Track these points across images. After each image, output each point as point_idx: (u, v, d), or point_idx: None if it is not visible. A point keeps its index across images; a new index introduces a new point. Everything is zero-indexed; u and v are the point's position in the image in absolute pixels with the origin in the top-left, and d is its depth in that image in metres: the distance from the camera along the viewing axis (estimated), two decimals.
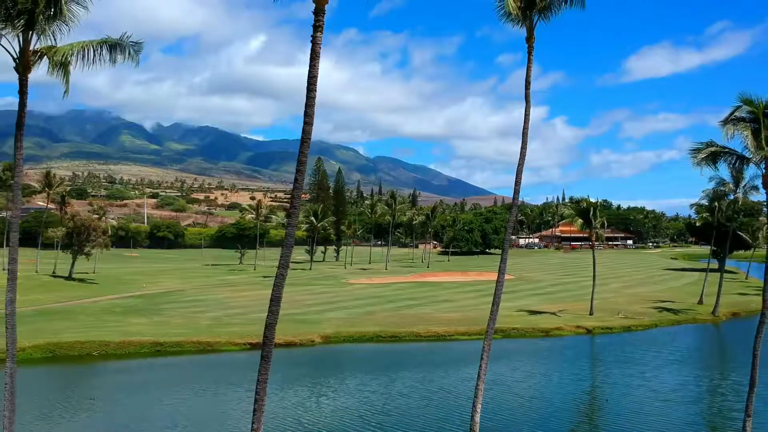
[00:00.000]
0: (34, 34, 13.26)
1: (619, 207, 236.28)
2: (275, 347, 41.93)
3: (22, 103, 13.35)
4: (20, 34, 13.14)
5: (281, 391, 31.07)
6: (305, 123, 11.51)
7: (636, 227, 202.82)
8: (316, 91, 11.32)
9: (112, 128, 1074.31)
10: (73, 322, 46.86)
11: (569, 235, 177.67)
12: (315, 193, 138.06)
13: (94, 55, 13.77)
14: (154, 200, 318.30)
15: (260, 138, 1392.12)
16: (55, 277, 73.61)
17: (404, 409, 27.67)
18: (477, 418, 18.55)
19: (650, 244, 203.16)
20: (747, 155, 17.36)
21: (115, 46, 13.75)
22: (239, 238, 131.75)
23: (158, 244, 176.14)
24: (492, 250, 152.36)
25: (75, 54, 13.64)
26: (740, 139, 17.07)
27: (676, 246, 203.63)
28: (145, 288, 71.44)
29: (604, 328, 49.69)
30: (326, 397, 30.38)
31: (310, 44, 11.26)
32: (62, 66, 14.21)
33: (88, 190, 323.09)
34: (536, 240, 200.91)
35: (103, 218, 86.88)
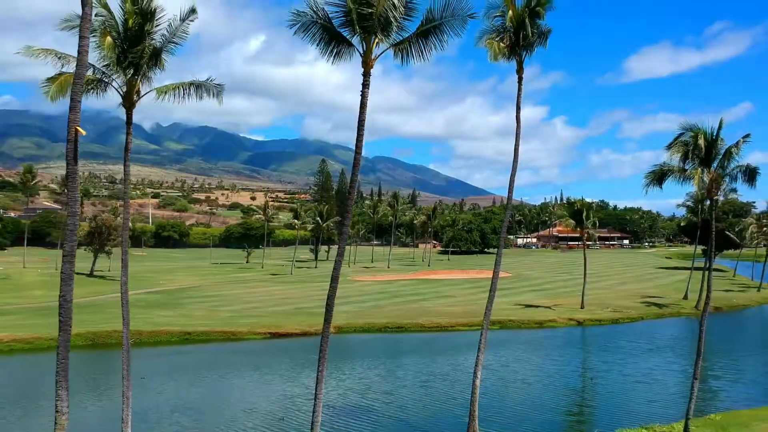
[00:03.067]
0: (137, 78, 17.23)
1: (615, 207, 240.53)
2: (292, 337, 46.23)
3: (128, 132, 17.37)
4: (127, 80, 17.11)
5: (298, 374, 35.08)
6: (356, 153, 15.49)
7: (632, 227, 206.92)
8: (364, 130, 15.33)
9: (111, 128, 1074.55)
10: (104, 315, 50.82)
11: (566, 235, 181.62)
12: (319, 194, 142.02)
13: (184, 93, 17.78)
14: (155, 200, 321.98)
15: (259, 138, 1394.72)
16: (77, 274, 77.45)
17: (409, 388, 31.74)
18: (477, 383, 22.58)
19: (646, 243, 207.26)
20: (688, 168, 21.50)
21: (200, 87, 17.72)
22: (245, 237, 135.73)
23: (163, 244, 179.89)
24: (490, 250, 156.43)
25: (170, 92, 17.66)
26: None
27: (671, 246, 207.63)
28: (162, 284, 75.38)
29: (594, 320, 53.78)
30: (337, 380, 34.17)
31: (360, 97, 15.30)
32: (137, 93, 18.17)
33: (91, 191, 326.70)
34: (534, 240, 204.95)
35: (118, 218, 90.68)
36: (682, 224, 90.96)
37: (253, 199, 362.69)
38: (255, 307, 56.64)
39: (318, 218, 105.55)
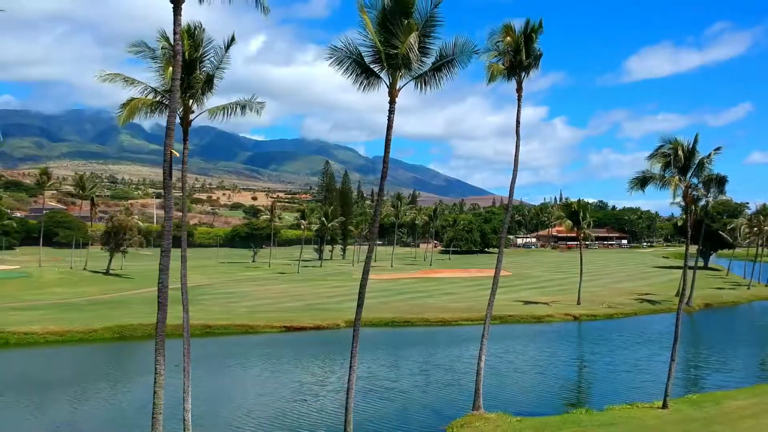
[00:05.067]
0: (193, 100, 20.26)
1: (614, 207, 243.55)
2: (306, 330, 49.05)
3: (185, 147, 20.34)
4: (184, 102, 20.10)
5: (313, 363, 38.11)
6: (383, 168, 18.55)
7: (630, 227, 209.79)
8: (390, 148, 18.36)
9: (110, 128, 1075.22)
10: (127, 310, 53.84)
11: (565, 235, 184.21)
12: (323, 195, 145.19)
13: (231, 111, 20.84)
14: (158, 200, 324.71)
15: (260, 138, 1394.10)
16: (94, 272, 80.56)
17: (420, 374, 34.81)
18: (482, 364, 25.63)
19: (644, 243, 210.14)
20: (668, 176, 24.56)
21: (245, 106, 20.78)
22: (251, 237, 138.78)
23: None
24: (491, 250, 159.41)
25: (220, 112, 20.73)
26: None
27: (669, 245, 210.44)
28: (173, 283, 78.22)
29: (589, 315, 56.85)
30: (344, 369, 37.01)
31: (387, 120, 18.36)
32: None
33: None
34: (533, 240, 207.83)
35: (129, 217, 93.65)
36: (678, 224, 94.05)
37: (254, 199, 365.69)
38: (268, 304, 59.66)
39: (324, 219, 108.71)
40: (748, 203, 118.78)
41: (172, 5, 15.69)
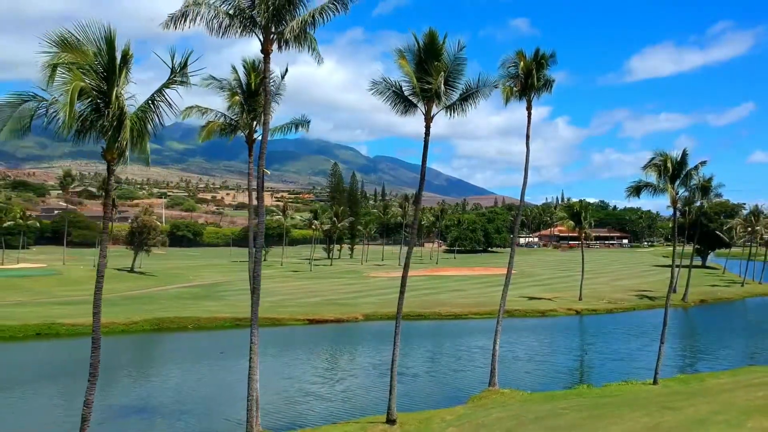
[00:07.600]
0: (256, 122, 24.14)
1: (615, 207, 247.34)
2: (328, 323, 52.80)
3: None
4: (248, 123, 23.98)
5: (341, 352, 41.90)
6: (420, 179, 22.41)
7: (631, 227, 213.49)
8: (425, 165, 22.24)
9: None
10: (158, 305, 57.71)
11: (567, 234, 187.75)
12: (330, 196, 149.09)
13: (287, 129, 24.85)
14: (163, 200, 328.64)
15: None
16: (119, 270, 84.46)
17: (434, 359, 38.59)
18: (497, 347, 29.46)
19: (645, 243, 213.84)
20: (660, 185, 28.36)
21: (297, 124, 24.77)
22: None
23: (177, 243, 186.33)
24: (494, 249, 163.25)
25: (278, 131, 24.67)
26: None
27: (669, 245, 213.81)
28: (192, 280, 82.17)
29: (591, 310, 60.65)
30: (363, 357, 40.80)
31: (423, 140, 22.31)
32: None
33: (96, 192, 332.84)
34: (536, 239, 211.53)
35: (151, 217, 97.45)
36: (671, 225, 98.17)
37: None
38: (288, 299, 63.53)
39: (334, 218, 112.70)
40: (744, 204, 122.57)
41: (262, 54, 19.51)
